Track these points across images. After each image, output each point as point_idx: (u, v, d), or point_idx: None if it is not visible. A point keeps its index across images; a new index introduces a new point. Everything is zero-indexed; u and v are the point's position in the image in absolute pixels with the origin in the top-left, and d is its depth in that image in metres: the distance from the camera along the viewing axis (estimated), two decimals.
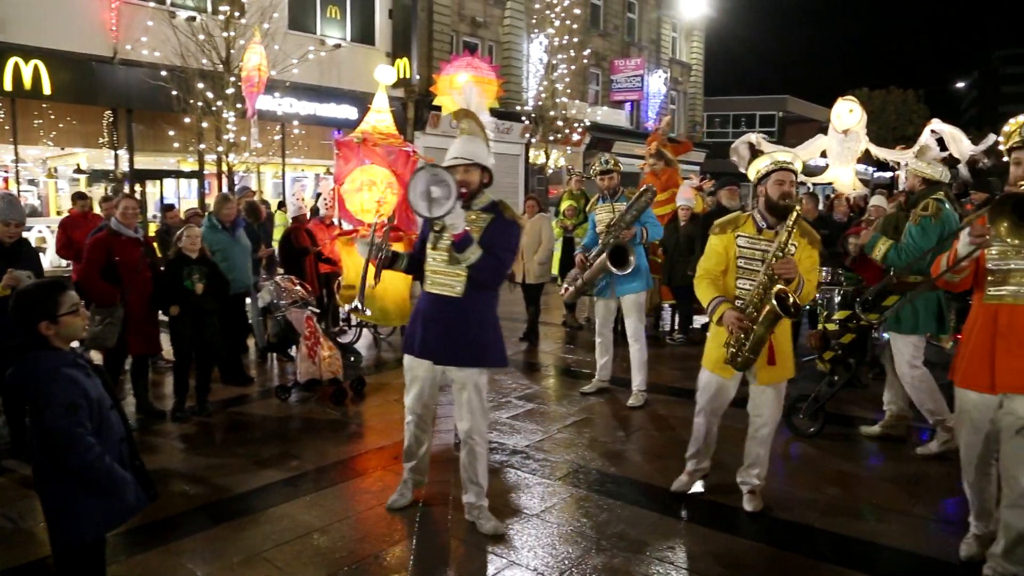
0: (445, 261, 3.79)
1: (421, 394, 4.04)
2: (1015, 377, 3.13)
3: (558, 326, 9.97)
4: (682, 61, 33.18)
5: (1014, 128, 3.25)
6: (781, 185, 3.88)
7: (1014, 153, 3.21)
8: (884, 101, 41.97)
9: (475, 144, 3.91)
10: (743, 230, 3.97)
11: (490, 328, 3.93)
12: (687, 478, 4.42)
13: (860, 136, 10.72)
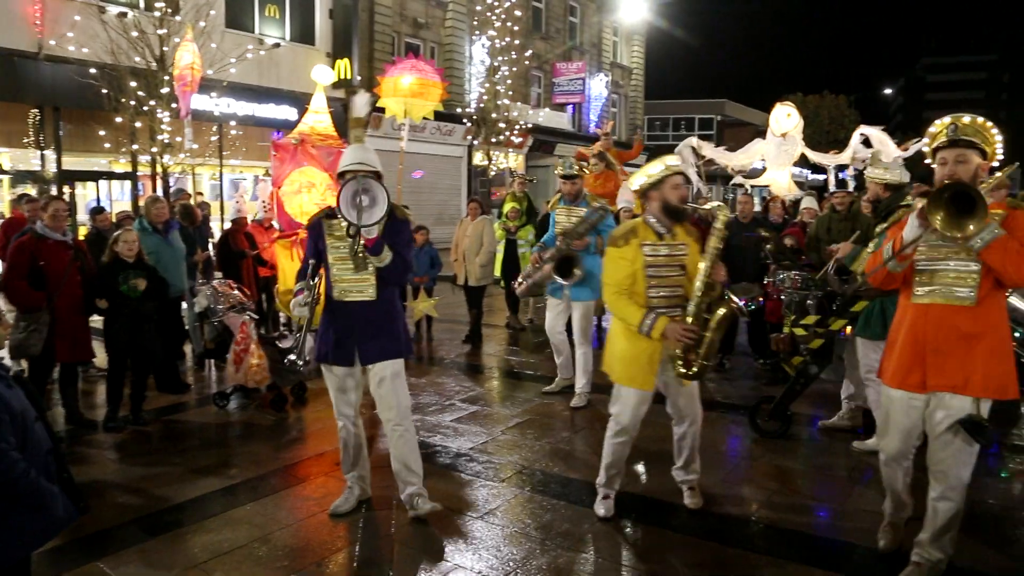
0: (351, 269, 3.87)
1: (345, 397, 4.13)
2: (945, 377, 3.19)
3: (501, 328, 9.99)
4: (623, 65, 33.65)
5: (940, 129, 3.24)
6: (678, 189, 3.88)
7: (939, 153, 3.20)
8: (818, 106, 43.24)
9: (368, 152, 4.08)
10: (645, 238, 3.89)
11: (399, 319, 4.18)
12: (608, 501, 4.21)
13: (797, 140, 11.05)
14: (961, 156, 3.11)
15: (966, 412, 3.14)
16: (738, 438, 5.56)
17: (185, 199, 9.90)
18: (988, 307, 3.15)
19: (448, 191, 23.49)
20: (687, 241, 3.96)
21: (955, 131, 3.14)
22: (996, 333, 3.17)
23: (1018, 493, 4.61)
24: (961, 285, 3.15)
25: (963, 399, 3.15)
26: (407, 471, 4.11)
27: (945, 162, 3.15)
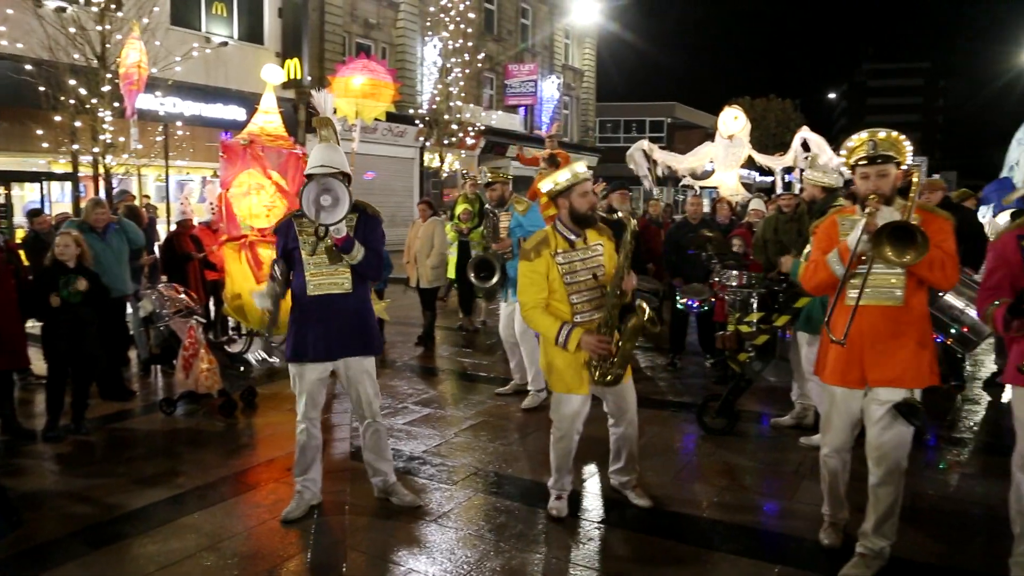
0: (326, 262, 4.00)
1: (314, 399, 4.14)
2: (883, 372, 3.38)
3: (454, 330, 9.97)
4: (574, 67, 33.89)
5: (858, 144, 3.43)
6: (586, 196, 3.92)
7: (860, 168, 3.40)
8: (765, 109, 44.14)
9: (336, 152, 4.11)
10: (556, 247, 3.93)
11: (371, 317, 4.26)
12: (561, 501, 4.23)
13: (744, 142, 11.29)
14: (882, 171, 3.34)
15: (902, 398, 3.34)
16: (688, 436, 5.65)
17: (129, 200, 9.65)
18: (913, 305, 3.38)
19: (401, 193, 23.34)
20: (600, 240, 4.03)
21: (874, 148, 3.36)
22: (921, 327, 3.41)
23: (955, 484, 4.78)
24: (891, 287, 3.38)
25: (898, 391, 3.36)
26: (386, 462, 4.34)
27: (867, 176, 3.36)
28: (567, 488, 4.28)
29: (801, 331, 5.33)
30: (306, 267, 4.02)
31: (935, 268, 3.25)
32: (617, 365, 3.91)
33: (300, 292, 4.06)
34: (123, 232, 6.95)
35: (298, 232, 4.04)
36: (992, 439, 5.64)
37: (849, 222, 3.51)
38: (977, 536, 3.95)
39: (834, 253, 3.46)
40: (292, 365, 4.11)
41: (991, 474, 4.84)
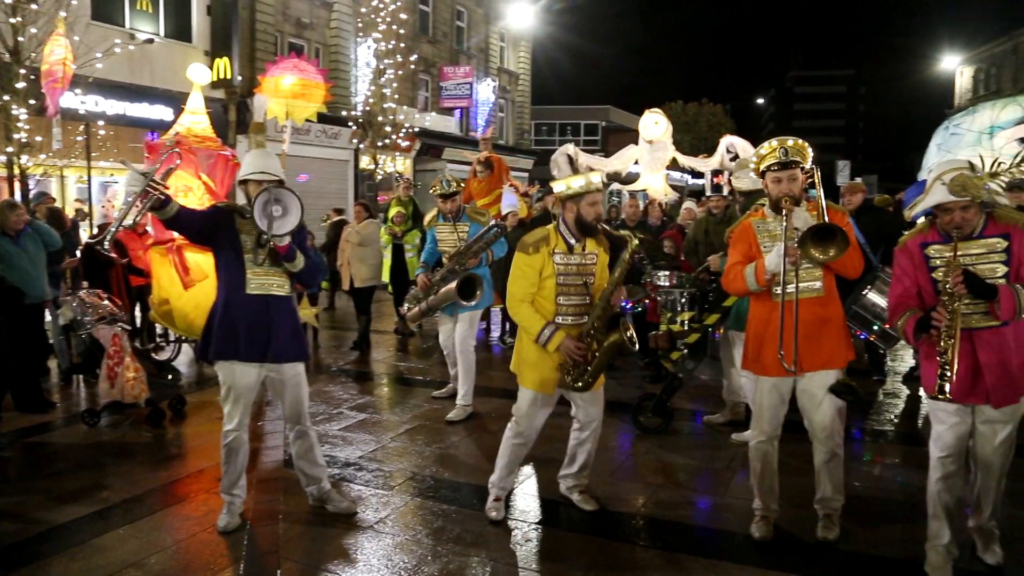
0: (268, 262, 3.95)
1: (247, 404, 4.07)
2: (817, 358, 3.70)
3: (390, 333, 9.88)
4: (510, 70, 34.00)
5: (770, 151, 3.71)
6: (595, 206, 3.96)
7: (772, 173, 3.70)
8: (697, 113, 45.10)
9: (272, 159, 4.10)
10: (556, 247, 3.98)
11: (299, 323, 4.24)
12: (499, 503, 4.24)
13: (667, 145, 11.49)
14: (792, 175, 3.67)
15: (834, 379, 3.70)
16: (624, 436, 5.72)
17: (49, 203, 9.24)
18: (832, 294, 3.76)
19: (335, 195, 22.96)
20: (596, 251, 4.08)
21: (786, 154, 3.66)
22: (839, 313, 3.81)
23: (877, 474, 4.97)
24: (813, 280, 3.71)
25: (831, 372, 3.72)
26: (320, 468, 4.31)
27: (779, 180, 3.67)
28: (507, 488, 4.30)
29: (732, 329, 5.48)
30: (247, 264, 3.93)
31: (849, 259, 3.57)
32: (590, 374, 3.93)
33: (234, 288, 3.94)
34: (37, 235, 6.65)
35: (240, 230, 3.95)
36: (911, 430, 5.89)
37: (764, 225, 3.82)
38: (897, 523, 4.11)
39: (751, 271, 3.74)
40: (222, 366, 3.97)
41: (911, 464, 5.05)
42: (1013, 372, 3.23)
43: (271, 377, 4.07)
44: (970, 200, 3.14)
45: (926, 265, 3.33)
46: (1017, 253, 3.19)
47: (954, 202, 3.15)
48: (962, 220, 3.18)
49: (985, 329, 3.23)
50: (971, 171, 3.23)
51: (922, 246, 3.36)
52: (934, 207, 3.25)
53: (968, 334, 3.21)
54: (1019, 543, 3.80)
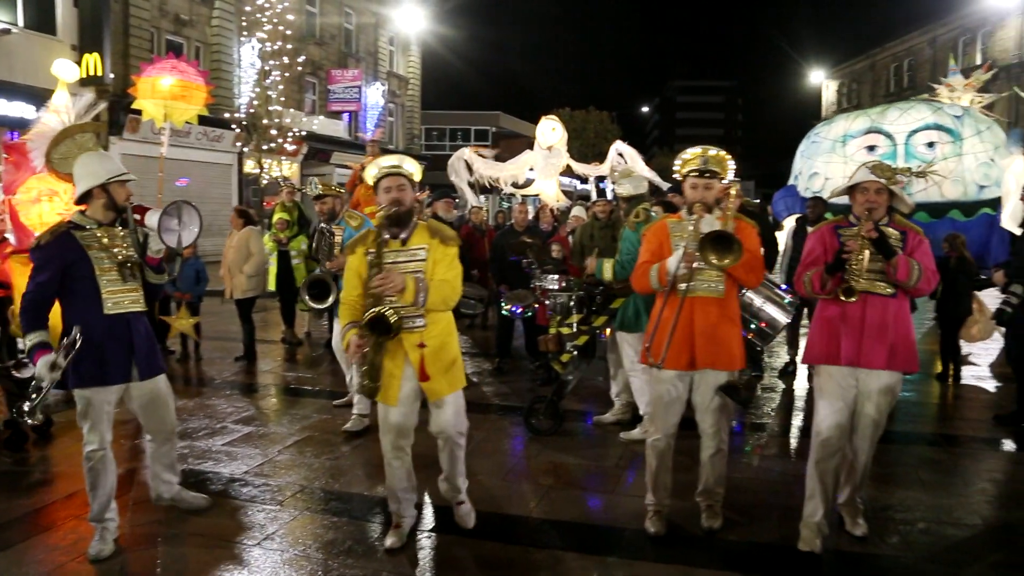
0: (120, 279, 3.85)
1: (108, 419, 3.91)
2: (711, 356, 3.86)
3: (277, 343, 9.57)
4: (399, 74, 33.74)
5: (692, 157, 3.93)
6: (389, 192, 3.69)
7: (691, 179, 3.90)
8: (584, 120, 46.11)
9: (114, 163, 4.04)
10: (371, 246, 3.70)
11: (152, 334, 4.15)
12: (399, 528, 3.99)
13: (562, 152, 11.70)
14: (708, 184, 3.88)
15: (726, 380, 3.89)
16: (516, 438, 5.76)
17: None
18: (731, 297, 3.95)
19: (218, 200, 22.09)
20: (426, 244, 3.73)
21: (706, 163, 3.89)
22: (737, 315, 4.00)
23: (757, 465, 5.23)
24: (715, 281, 3.88)
25: (723, 373, 3.89)
26: (170, 470, 4.27)
27: (696, 187, 3.88)
28: (405, 515, 4.00)
29: (619, 331, 5.63)
30: (101, 284, 3.75)
31: (748, 270, 3.83)
32: (366, 375, 3.68)
33: (92, 312, 3.73)
34: None
35: (87, 245, 3.74)
36: (787, 423, 6.22)
37: (678, 227, 3.98)
38: (775, 511, 4.33)
39: (655, 271, 3.91)
40: (84, 391, 3.77)
41: (787, 455, 5.34)
42: (889, 339, 3.71)
43: (134, 394, 3.96)
44: (883, 185, 3.70)
45: (837, 241, 3.81)
46: (909, 247, 3.75)
47: (872, 182, 3.71)
48: (875, 200, 3.70)
49: (877, 295, 3.71)
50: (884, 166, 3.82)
51: (835, 228, 3.89)
52: (854, 188, 3.79)
53: (863, 297, 3.70)
54: (879, 519, 4.15)
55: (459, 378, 3.92)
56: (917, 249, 3.73)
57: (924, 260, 3.70)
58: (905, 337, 3.75)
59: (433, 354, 3.76)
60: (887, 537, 4.02)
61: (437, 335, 3.79)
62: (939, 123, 10.29)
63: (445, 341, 3.83)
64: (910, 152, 10.32)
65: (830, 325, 3.83)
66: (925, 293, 3.84)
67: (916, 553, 3.85)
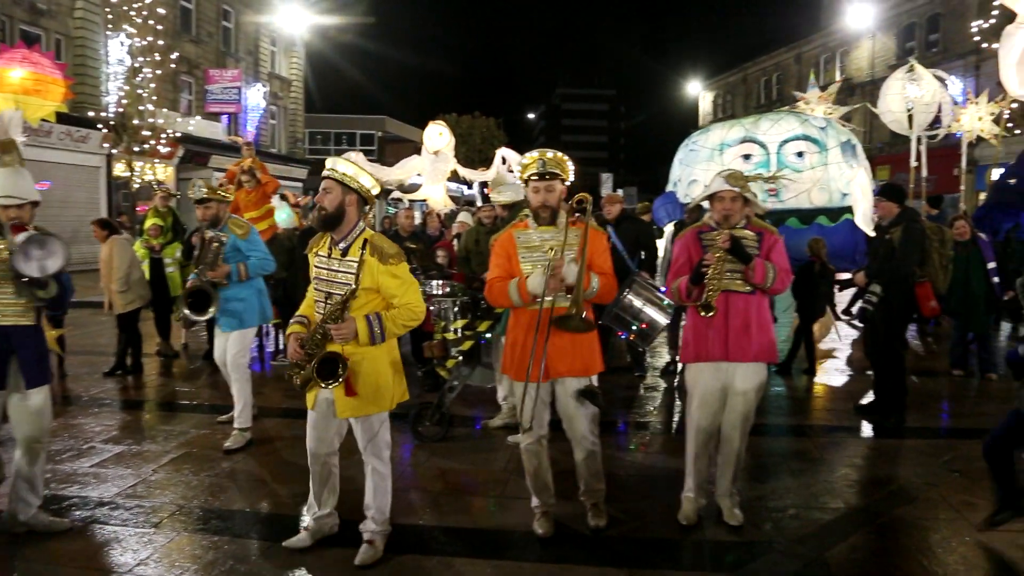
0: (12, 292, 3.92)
1: None
2: (566, 364, 3.89)
3: (152, 356, 9.06)
4: (282, 76, 32.81)
5: (531, 162, 3.90)
6: (328, 193, 3.64)
7: (532, 183, 3.89)
8: (471, 126, 46.33)
9: (24, 178, 3.94)
10: (319, 249, 3.74)
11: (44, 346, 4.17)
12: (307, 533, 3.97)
13: (449, 157, 11.74)
14: (550, 186, 3.88)
15: (583, 386, 3.92)
16: (404, 446, 5.69)
17: None
18: (587, 307, 3.89)
19: (84, 205, 20.74)
20: (362, 259, 3.57)
21: (544, 165, 3.85)
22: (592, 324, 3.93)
23: (641, 462, 5.40)
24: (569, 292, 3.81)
25: (580, 379, 3.93)
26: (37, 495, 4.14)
27: (538, 190, 3.88)
28: (317, 519, 3.96)
29: (503, 335, 5.67)
30: None
31: (607, 293, 3.95)
32: (299, 384, 3.66)
33: None
34: None
35: None
36: (669, 420, 6.45)
37: (525, 236, 3.95)
38: (659, 506, 4.47)
39: (515, 289, 3.85)
40: None
41: (669, 451, 5.53)
42: (752, 334, 4.00)
43: (11, 403, 4.02)
44: (738, 192, 3.94)
45: (700, 247, 4.08)
46: (765, 247, 4.04)
47: (727, 191, 3.95)
48: (730, 207, 3.96)
49: (738, 293, 3.98)
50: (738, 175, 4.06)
51: (698, 234, 4.15)
52: (710, 197, 4.04)
53: (725, 296, 3.97)
54: (754, 508, 4.36)
55: (379, 400, 3.72)
56: (773, 249, 4.04)
57: (779, 260, 4.02)
58: (766, 331, 4.08)
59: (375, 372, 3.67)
60: (761, 524, 4.24)
61: (371, 354, 3.65)
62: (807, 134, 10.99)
63: (377, 359, 3.69)
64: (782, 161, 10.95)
65: (700, 324, 4.08)
66: (781, 292, 4.13)
67: (787, 537, 4.08)
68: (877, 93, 14.85)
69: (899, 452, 5.62)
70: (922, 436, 5.94)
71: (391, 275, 3.59)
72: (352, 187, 3.62)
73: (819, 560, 3.84)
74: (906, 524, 4.30)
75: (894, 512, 4.45)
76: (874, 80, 31.59)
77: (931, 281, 6.54)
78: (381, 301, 3.64)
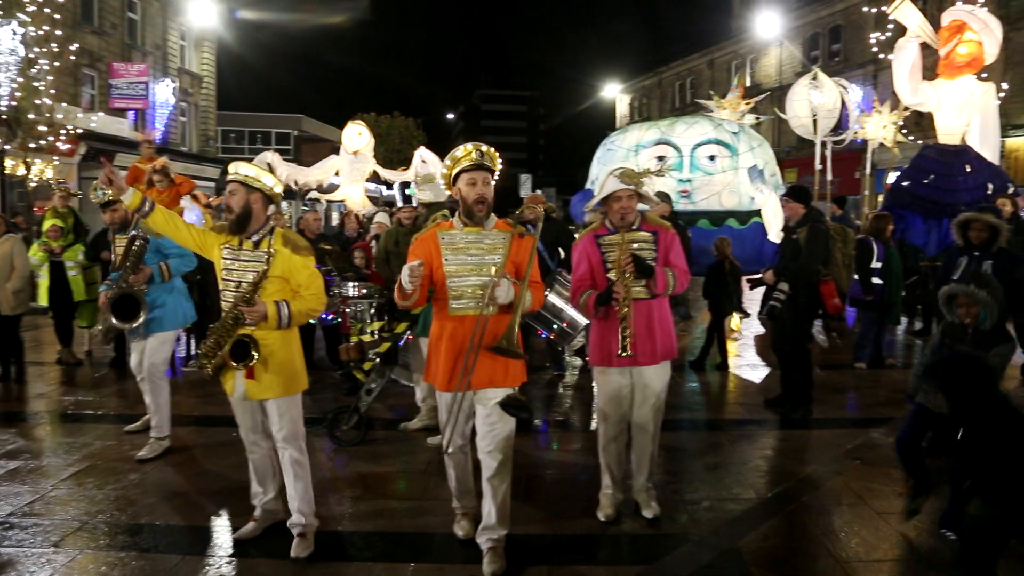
0: None
1: None
2: (487, 375, 3.66)
3: (52, 364, 8.60)
4: (192, 71, 31.66)
5: (464, 154, 3.68)
6: (233, 195, 3.77)
7: (468, 174, 3.65)
8: (390, 126, 45.78)
9: None
10: (229, 242, 3.81)
11: None
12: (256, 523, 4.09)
13: (368, 157, 11.60)
14: (487, 179, 3.70)
15: (505, 396, 3.65)
16: (323, 451, 5.58)
17: None
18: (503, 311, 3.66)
19: None
20: (277, 248, 3.76)
21: (481, 156, 3.68)
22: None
23: (562, 460, 5.46)
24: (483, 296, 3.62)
25: (501, 390, 3.68)
26: None
27: (475, 182, 3.66)
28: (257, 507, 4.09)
29: (420, 336, 5.64)
30: None
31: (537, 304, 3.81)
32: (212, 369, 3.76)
33: None
34: None
35: None
36: (588, 418, 6.53)
37: (449, 237, 3.70)
38: (579, 500, 4.53)
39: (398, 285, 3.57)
40: None
41: (588, 448, 5.59)
42: (656, 336, 4.11)
43: None
44: (633, 189, 4.00)
45: (599, 252, 4.12)
46: (662, 245, 4.12)
47: (623, 190, 3.99)
48: (627, 207, 4.02)
49: (641, 300, 4.05)
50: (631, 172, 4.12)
51: (595, 238, 4.17)
52: (607, 198, 4.07)
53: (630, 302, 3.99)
54: (671, 501, 4.49)
55: (290, 384, 3.87)
56: (671, 248, 4.15)
57: (677, 260, 4.15)
58: (668, 332, 4.19)
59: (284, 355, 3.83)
60: (677, 517, 4.36)
61: (271, 338, 3.78)
62: (719, 138, 11.40)
63: (281, 343, 3.83)
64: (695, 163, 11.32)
65: (605, 330, 4.15)
66: (682, 291, 4.28)
67: (702, 529, 4.21)
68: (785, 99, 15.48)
69: (806, 442, 5.87)
70: (827, 427, 6.21)
71: (302, 265, 3.82)
72: (255, 187, 3.79)
73: (732, 550, 3.97)
74: (812, 511, 4.49)
75: (802, 500, 4.65)
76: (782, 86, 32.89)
77: (834, 279, 6.84)
78: (289, 292, 3.81)
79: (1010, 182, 9.92)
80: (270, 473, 4.07)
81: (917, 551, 3.98)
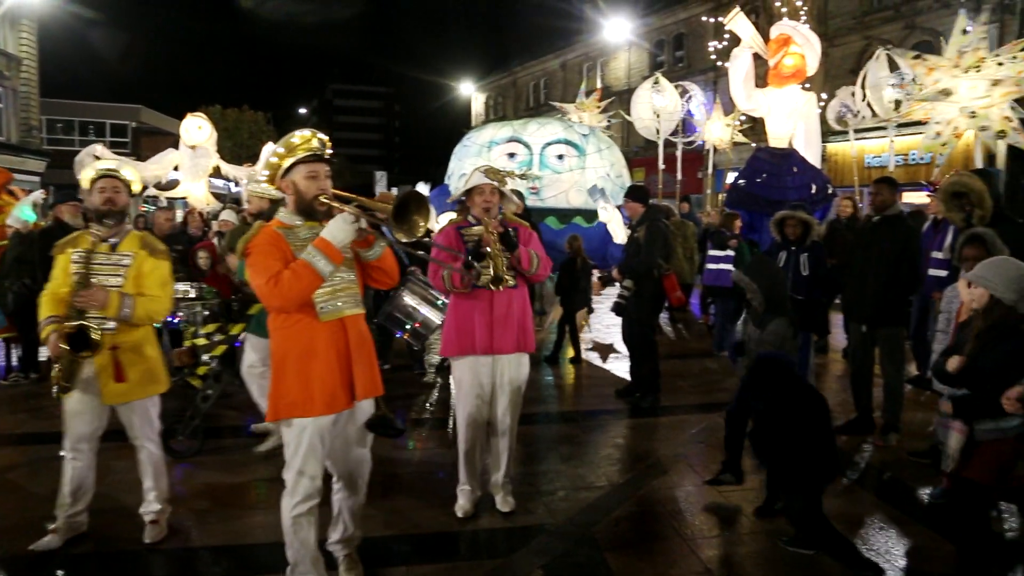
0: None
1: None
2: (364, 384, 3.22)
3: None
4: (9, 52, 28.78)
5: (302, 142, 3.19)
6: (104, 192, 3.82)
7: (308, 166, 3.15)
8: (238, 120, 43.70)
9: None
10: (80, 246, 3.79)
11: None
12: (56, 535, 3.88)
13: (211, 152, 11.04)
14: (327, 172, 3.18)
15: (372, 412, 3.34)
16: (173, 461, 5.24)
17: None
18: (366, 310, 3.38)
19: None
20: (133, 252, 3.84)
21: (322, 146, 3.21)
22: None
23: (419, 459, 5.44)
24: (355, 292, 3.25)
25: (370, 401, 3.32)
26: None
27: (316, 175, 3.15)
28: (75, 521, 3.94)
29: (251, 333, 5.39)
30: None
31: (389, 263, 3.33)
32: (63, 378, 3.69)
33: None
34: None
35: None
36: (445, 415, 6.52)
37: (293, 234, 3.16)
38: (437, 498, 4.50)
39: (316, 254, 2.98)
40: None
41: (446, 445, 5.59)
42: (515, 325, 4.17)
43: None
44: (496, 186, 4.11)
45: (461, 241, 4.15)
46: (522, 240, 4.20)
47: (487, 183, 4.09)
48: (490, 200, 4.10)
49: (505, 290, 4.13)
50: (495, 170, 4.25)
51: (458, 229, 4.21)
52: (470, 191, 4.16)
53: (489, 292, 4.08)
54: (526, 493, 4.59)
55: (154, 384, 3.95)
56: (530, 241, 4.28)
57: (537, 250, 4.27)
58: (526, 322, 4.27)
59: (128, 356, 3.79)
60: (533, 509, 4.43)
61: (134, 339, 3.83)
62: (569, 139, 11.78)
63: (141, 344, 3.88)
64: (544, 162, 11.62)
65: (463, 318, 4.17)
66: (543, 279, 4.42)
67: (558, 519, 4.31)
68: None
69: (655, 429, 6.15)
70: (673, 413, 6.55)
71: (157, 267, 3.87)
72: (130, 190, 3.92)
73: (587, 537, 4.09)
74: (660, 494, 4.72)
75: (651, 484, 4.87)
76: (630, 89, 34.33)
77: (676, 273, 7.21)
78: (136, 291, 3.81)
79: (829, 183, 10.87)
80: (89, 485, 3.95)
81: (756, 523, 4.27)
